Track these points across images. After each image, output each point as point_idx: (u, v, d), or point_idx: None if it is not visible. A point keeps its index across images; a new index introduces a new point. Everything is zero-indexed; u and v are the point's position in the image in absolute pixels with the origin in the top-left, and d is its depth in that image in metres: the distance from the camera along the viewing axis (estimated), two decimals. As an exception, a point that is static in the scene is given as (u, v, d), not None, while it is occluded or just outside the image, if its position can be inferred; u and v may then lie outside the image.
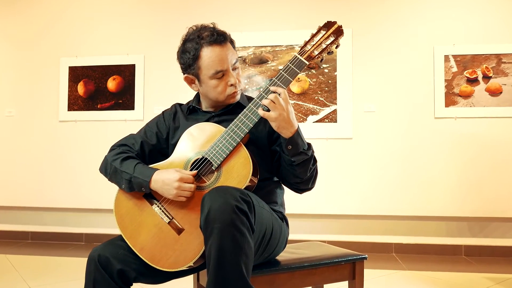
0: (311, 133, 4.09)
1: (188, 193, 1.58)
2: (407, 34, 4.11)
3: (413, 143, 4.04)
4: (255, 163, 1.61)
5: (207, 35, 1.71)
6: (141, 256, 1.60)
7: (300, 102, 4.15)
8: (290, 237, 1.84)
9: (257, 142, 1.74)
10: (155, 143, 1.85)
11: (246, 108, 1.62)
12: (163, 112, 1.93)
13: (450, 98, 4.00)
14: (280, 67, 4.20)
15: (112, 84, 4.46)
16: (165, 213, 1.62)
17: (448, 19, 4.06)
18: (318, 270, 1.79)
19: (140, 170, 1.66)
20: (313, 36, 1.65)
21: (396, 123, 4.08)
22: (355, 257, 1.85)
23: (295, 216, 3.94)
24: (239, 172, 1.58)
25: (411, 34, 4.10)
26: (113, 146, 1.85)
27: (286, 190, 1.88)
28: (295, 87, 4.17)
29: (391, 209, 4.03)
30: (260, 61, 4.23)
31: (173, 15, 4.42)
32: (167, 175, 1.60)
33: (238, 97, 1.80)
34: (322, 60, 1.66)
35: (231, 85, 1.74)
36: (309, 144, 1.65)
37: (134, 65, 4.45)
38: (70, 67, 4.53)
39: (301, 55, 1.62)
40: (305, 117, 4.13)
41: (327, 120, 4.11)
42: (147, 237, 1.62)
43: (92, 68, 4.50)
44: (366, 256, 1.88)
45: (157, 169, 1.66)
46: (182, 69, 1.82)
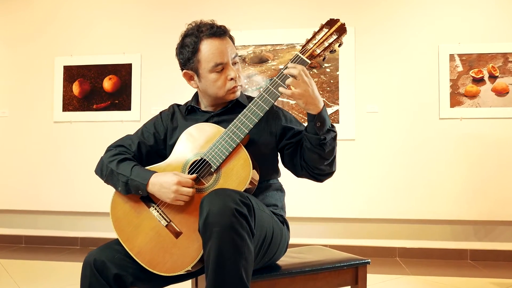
0: (313, 134, 4.09)
1: (186, 198, 1.58)
2: (411, 33, 4.11)
3: (417, 145, 4.04)
4: (255, 165, 1.61)
5: (207, 29, 1.73)
6: (138, 260, 1.60)
7: (301, 103, 4.15)
8: (291, 241, 1.84)
9: (258, 143, 1.75)
10: (153, 144, 1.85)
11: (246, 108, 1.62)
12: (161, 113, 1.94)
13: (456, 99, 4.00)
14: (281, 67, 4.21)
15: (108, 84, 4.47)
16: (163, 216, 1.63)
17: (454, 17, 4.07)
18: (320, 275, 1.79)
19: (137, 173, 1.67)
20: (315, 34, 1.65)
21: (400, 124, 4.08)
22: (358, 262, 1.86)
23: (296, 220, 3.95)
24: (239, 174, 1.58)
25: (415, 33, 4.11)
26: (109, 147, 1.86)
27: (291, 195, 1.88)
28: (296, 87, 4.18)
29: (395, 212, 4.04)
30: (260, 60, 4.24)
31: (171, 13, 4.43)
32: (165, 178, 1.60)
33: (238, 94, 1.80)
34: (325, 59, 1.66)
35: (231, 79, 1.74)
36: (332, 124, 1.67)
37: (131, 65, 4.45)
38: (65, 67, 4.54)
39: (303, 54, 1.62)
40: (306, 118, 4.13)
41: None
42: (144, 241, 1.62)
43: (88, 68, 4.51)
44: (369, 261, 1.88)
45: (155, 172, 1.66)
46: (181, 65, 1.82)
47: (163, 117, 1.91)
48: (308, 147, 1.65)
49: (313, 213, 4.11)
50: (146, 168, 1.70)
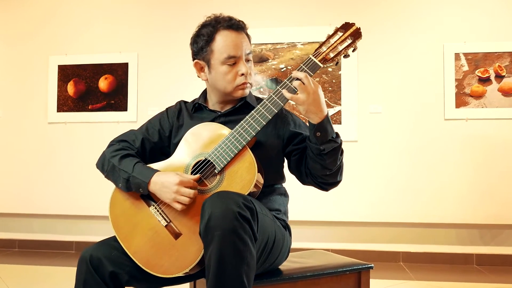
0: (314, 136, 4.10)
1: (187, 199, 1.58)
2: (416, 31, 4.13)
3: (422, 146, 4.06)
4: (261, 169, 1.62)
5: (225, 21, 1.77)
6: (135, 260, 1.61)
7: (303, 103, 4.16)
8: (292, 245, 1.85)
9: (265, 146, 1.76)
10: (157, 141, 1.87)
11: (255, 110, 1.63)
12: (167, 109, 1.95)
13: (461, 99, 4.02)
14: (281, 66, 4.22)
15: (104, 84, 4.48)
16: (163, 216, 1.64)
17: (459, 15, 4.08)
18: (322, 280, 1.80)
19: (140, 170, 1.68)
20: (329, 38, 1.66)
21: (404, 125, 4.10)
22: (361, 267, 1.87)
23: (298, 223, 3.96)
24: (243, 177, 1.59)
25: (420, 31, 4.12)
26: (112, 142, 1.87)
27: (292, 198, 1.90)
28: (297, 87, 4.19)
29: (398, 216, 4.05)
30: (260, 60, 4.25)
31: (169, 11, 4.44)
32: (167, 178, 1.61)
33: (247, 92, 1.81)
34: (338, 64, 1.67)
35: (242, 75, 1.76)
36: (337, 133, 1.66)
37: (127, 64, 4.46)
38: (60, 66, 4.55)
39: (316, 57, 1.63)
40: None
41: (331, 122, 4.12)
42: (142, 240, 1.63)
43: (83, 67, 4.52)
44: (372, 266, 1.90)
45: (158, 170, 1.67)
46: (193, 54, 1.85)
47: (169, 114, 1.92)
48: (310, 156, 1.66)
49: (315, 217, 4.12)
50: (149, 166, 1.71)
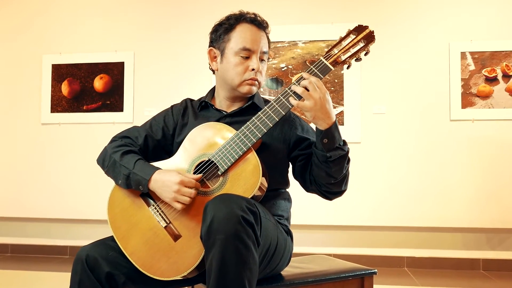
0: (316, 137, 4.11)
1: (187, 199, 1.59)
2: (421, 29, 4.14)
3: (427, 148, 4.07)
4: (265, 172, 1.63)
5: (249, 16, 1.83)
6: (132, 261, 1.62)
7: (304, 103, 4.17)
8: (294, 250, 1.86)
9: (270, 149, 1.77)
10: (160, 139, 1.88)
11: (261, 111, 1.64)
12: (172, 106, 1.97)
13: (467, 99, 4.03)
14: (282, 65, 4.24)
15: (99, 84, 4.50)
16: (162, 217, 1.65)
17: (465, 13, 4.10)
18: (324, 286, 1.81)
19: (141, 167, 1.69)
20: (341, 40, 1.66)
21: (408, 126, 4.11)
22: (364, 272, 1.89)
23: (299, 228, 3.96)
24: (247, 180, 1.60)
25: (425, 29, 4.14)
26: (115, 137, 1.89)
27: (293, 202, 1.91)
28: (299, 87, 4.20)
29: (403, 220, 4.06)
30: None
31: (166, 9, 4.45)
32: (168, 177, 1.62)
33: (254, 90, 1.83)
34: (349, 67, 1.67)
35: (252, 70, 1.78)
36: (344, 141, 1.67)
37: (123, 63, 4.48)
38: (54, 65, 4.57)
39: (327, 59, 1.63)
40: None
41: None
42: (140, 241, 1.64)
43: (77, 66, 4.53)
44: (376, 271, 1.91)
45: (159, 168, 1.68)
46: (210, 42, 1.89)
47: (174, 111, 1.94)
48: (315, 163, 1.67)
49: (317, 221, 4.13)
50: (151, 164, 1.72)
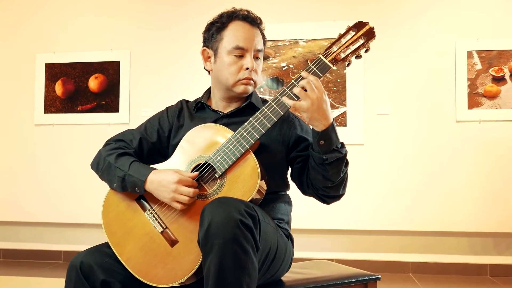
0: (318, 138, 4.11)
1: (186, 198, 1.59)
2: (426, 28, 4.15)
3: (432, 150, 4.07)
4: (264, 174, 1.63)
5: (242, 13, 1.83)
6: (128, 268, 1.63)
7: (305, 104, 4.18)
8: (295, 255, 1.87)
9: (269, 151, 1.77)
10: (155, 141, 1.89)
11: (259, 112, 1.64)
12: (167, 108, 1.97)
13: (474, 99, 4.04)
14: (283, 64, 4.24)
15: (94, 84, 4.50)
16: (159, 222, 1.65)
17: (471, 11, 4.10)
18: (326, 292, 1.82)
19: (136, 168, 1.69)
20: (341, 37, 1.67)
21: (413, 127, 4.11)
22: (367, 278, 1.89)
23: (300, 232, 3.96)
24: (245, 183, 1.60)
25: (430, 28, 4.14)
26: (109, 141, 1.89)
27: (294, 204, 1.91)
28: (300, 87, 4.20)
29: (407, 224, 4.06)
30: (261, 58, 4.25)
31: (163, 7, 4.46)
32: (165, 176, 1.62)
33: (250, 89, 1.83)
34: (349, 65, 1.68)
35: (246, 69, 1.78)
36: (342, 143, 1.67)
37: (119, 62, 4.48)
38: (47, 64, 4.57)
39: (326, 57, 1.64)
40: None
41: (336, 124, 4.12)
42: (136, 247, 1.65)
43: (72, 66, 4.54)
44: (379, 277, 1.92)
45: (155, 168, 1.68)
46: (204, 41, 1.90)
47: (170, 113, 1.94)
48: (312, 165, 1.68)
49: (318, 225, 4.13)
50: (146, 165, 1.72)
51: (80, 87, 4.52)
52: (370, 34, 1.67)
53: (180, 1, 4.43)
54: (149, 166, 1.71)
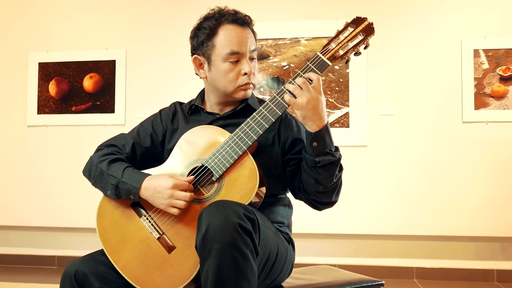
0: (320, 140, 4.11)
1: (182, 203, 1.59)
2: (431, 25, 4.15)
3: (437, 152, 4.07)
4: (262, 177, 1.63)
5: (229, 14, 1.79)
6: (124, 275, 1.63)
7: (307, 104, 4.18)
8: (296, 260, 1.87)
9: (267, 152, 1.77)
10: (149, 146, 1.89)
11: (256, 112, 1.64)
12: (161, 111, 1.97)
13: (481, 100, 4.04)
14: (284, 63, 4.25)
15: (89, 83, 4.51)
16: (155, 228, 1.66)
17: (478, 8, 4.10)
18: (328, 298, 1.83)
19: (130, 175, 1.69)
20: (339, 34, 1.67)
21: (418, 129, 4.12)
22: (371, 284, 1.89)
23: (301, 236, 3.96)
24: (243, 186, 1.60)
25: (435, 25, 4.14)
26: (100, 146, 1.89)
27: (295, 207, 1.91)
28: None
29: (412, 228, 4.06)
30: (261, 57, 4.26)
31: (160, 4, 4.46)
32: (160, 182, 1.62)
33: (249, 93, 1.83)
34: (348, 62, 1.68)
35: (245, 74, 1.77)
36: (337, 147, 1.67)
37: (114, 61, 4.49)
38: (40, 64, 4.57)
39: (324, 55, 1.64)
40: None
41: (338, 125, 4.15)
42: (132, 254, 1.65)
43: (66, 65, 4.54)
44: (383, 282, 1.92)
45: (149, 174, 1.69)
46: (192, 49, 1.86)
47: (163, 117, 1.94)
48: (304, 168, 1.67)
49: (320, 229, 4.13)
50: (140, 171, 1.73)
51: (75, 87, 4.52)
52: (369, 30, 1.66)
53: (178, -1, 4.45)
54: (143, 172, 1.71)
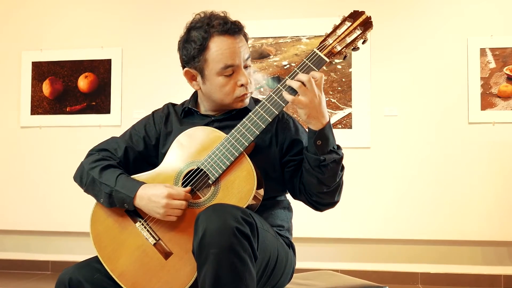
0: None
1: (178, 211, 1.60)
2: (436, 24, 4.15)
3: (443, 153, 4.07)
4: (260, 178, 1.63)
5: (219, 23, 1.73)
6: (120, 283, 1.63)
7: (308, 105, 4.18)
8: (297, 265, 1.87)
9: (264, 153, 1.77)
10: (142, 150, 1.88)
11: (252, 112, 1.64)
12: (153, 113, 1.97)
13: (487, 100, 4.04)
14: (284, 62, 4.25)
15: (84, 83, 4.51)
16: (151, 233, 1.65)
17: (485, 6, 4.10)
18: (330, 304, 1.83)
19: (123, 183, 1.69)
20: (336, 28, 1.67)
21: (423, 130, 4.11)
22: (374, 289, 1.89)
23: (302, 241, 3.96)
24: (241, 188, 1.60)
25: (441, 24, 4.14)
26: (92, 151, 1.89)
27: (295, 211, 1.91)
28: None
29: (417, 232, 4.06)
30: (261, 56, 4.27)
31: (156, 1, 4.46)
32: (154, 191, 1.62)
33: (247, 102, 1.83)
34: (346, 57, 1.67)
35: (241, 86, 1.76)
36: (338, 145, 1.68)
37: (110, 61, 4.49)
38: (34, 63, 4.57)
39: (321, 51, 1.64)
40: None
41: (341, 126, 4.14)
42: (128, 261, 1.65)
43: (60, 64, 4.54)
44: (387, 288, 1.92)
45: (143, 183, 1.68)
46: (183, 62, 1.84)
47: (156, 119, 1.93)
48: (307, 168, 1.67)
49: (322, 233, 4.13)
50: (134, 178, 1.73)
51: (69, 87, 4.52)
52: (367, 24, 1.65)
53: (175, -4, 4.44)
54: (137, 180, 1.71)
